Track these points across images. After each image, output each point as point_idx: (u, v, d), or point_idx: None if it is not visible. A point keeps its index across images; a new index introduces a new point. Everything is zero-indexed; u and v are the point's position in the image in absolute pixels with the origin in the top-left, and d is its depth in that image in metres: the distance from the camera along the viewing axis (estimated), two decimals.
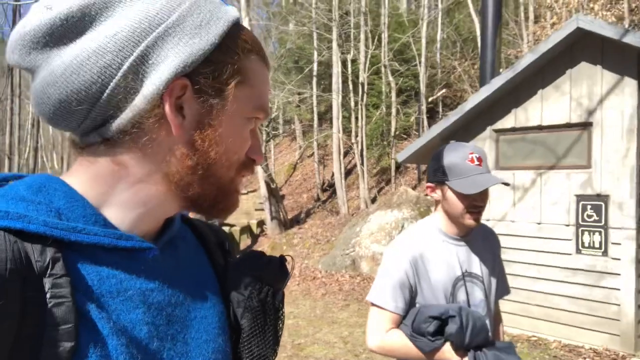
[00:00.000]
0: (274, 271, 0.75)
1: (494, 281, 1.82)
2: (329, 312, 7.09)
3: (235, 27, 0.61)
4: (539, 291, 5.56)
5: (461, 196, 1.65)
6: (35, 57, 0.56)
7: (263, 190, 13.81)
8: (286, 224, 13.74)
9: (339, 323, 6.49)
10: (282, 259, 0.77)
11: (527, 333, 5.58)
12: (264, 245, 12.02)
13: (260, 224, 14.51)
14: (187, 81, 0.57)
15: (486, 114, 6.05)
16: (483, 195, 1.66)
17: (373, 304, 1.73)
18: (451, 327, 1.52)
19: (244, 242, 13.18)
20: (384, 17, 15.32)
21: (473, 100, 5.98)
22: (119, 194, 0.60)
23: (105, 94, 0.55)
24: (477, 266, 1.76)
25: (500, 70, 7.48)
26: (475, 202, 1.65)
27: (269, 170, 14.09)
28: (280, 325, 0.76)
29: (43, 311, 0.49)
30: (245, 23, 13.84)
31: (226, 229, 12.95)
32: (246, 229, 13.74)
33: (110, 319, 0.54)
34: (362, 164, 13.92)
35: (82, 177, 0.60)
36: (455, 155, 1.68)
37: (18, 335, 0.47)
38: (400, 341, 1.64)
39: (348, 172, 17.24)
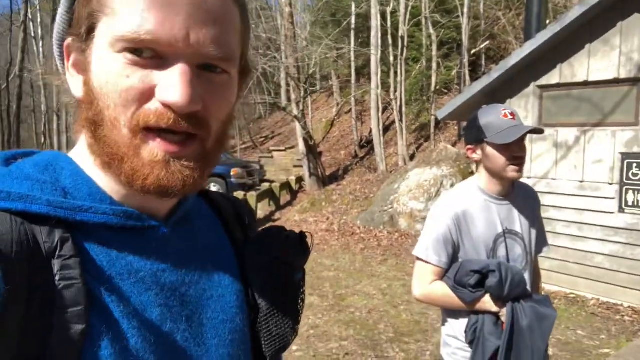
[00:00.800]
0: (294, 248, 0.71)
1: (533, 238, 1.93)
2: (368, 266, 7.32)
3: None
4: (579, 249, 5.56)
5: (501, 148, 1.74)
6: None
7: (301, 147, 13.98)
8: (324, 181, 13.94)
9: (378, 276, 6.72)
10: (302, 235, 0.74)
11: (565, 290, 5.65)
12: (303, 201, 12.29)
13: (299, 180, 14.77)
14: (70, 40, 0.56)
15: (530, 70, 5.89)
16: (522, 146, 1.75)
17: (418, 258, 1.88)
18: (491, 280, 1.66)
19: (284, 197, 13.51)
20: None
21: (517, 55, 5.83)
22: (99, 169, 0.57)
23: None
24: (517, 224, 1.87)
25: (547, 21, 7.20)
26: (515, 154, 1.74)
27: (306, 127, 14.18)
28: (301, 304, 0.73)
29: (52, 294, 0.47)
30: None
31: (266, 185, 13.30)
32: (285, 186, 14.04)
33: (121, 302, 0.53)
34: (400, 120, 13.80)
35: (80, 152, 0.59)
36: (489, 114, 1.79)
37: (27, 318, 0.46)
38: (443, 292, 1.80)
39: (386, 129, 17.13)
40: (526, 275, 1.84)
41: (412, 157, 13.45)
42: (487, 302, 1.72)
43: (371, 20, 14.21)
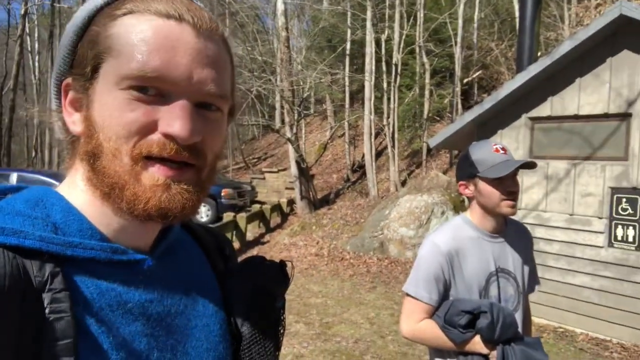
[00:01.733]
0: (274, 277, 0.74)
1: (526, 277, 1.89)
2: (357, 293, 7.22)
3: (108, 6, 0.58)
4: (568, 283, 5.52)
5: (495, 183, 1.72)
6: None
7: (293, 170, 13.95)
8: (316, 204, 13.89)
9: (366, 304, 6.62)
10: (282, 265, 0.76)
11: (553, 324, 5.58)
12: (294, 224, 12.20)
13: (290, 202, 14.70)
14: (69, 79, 0.59)
15: (522, 101, 5.94)
16: (515, 181, 1.74)
17: (408, 294, 1.82)
18: (482, 322, 1.61)
19: (274, 219, 13.40)
20: None
21: (508, 86, 5.88)
22: (90, 206, 0.59)
23: None
24: (510, 262, 1.83)
25: (539, 54, 7.30)
26: (509, 188, 1.72)
27: (299, 149, 14.18)
28: (281, 331, 0.75)
29: (42, 326, 0.49)
30: (279, 1, 13.82)
31: (257, 206, 13.20)
32: (276, 207, 13.94)
33: (110, 333, 0.55)
34: (392, 146, 13.86)
35: (71, 187, 0.62)
36: (480, 149, 1.78)
37: (17, 350, 0.47)
38: (432, 331, 1.74)
39: (379, 154, 17.19)
40: (517, 316, 1.79)
41: (403, 183, 13.47)
42: (477, 344, 1.67)
43: (366, 47, 14.38)
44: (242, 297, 0.71)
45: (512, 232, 1.88)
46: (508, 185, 1.72)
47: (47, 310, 0.49)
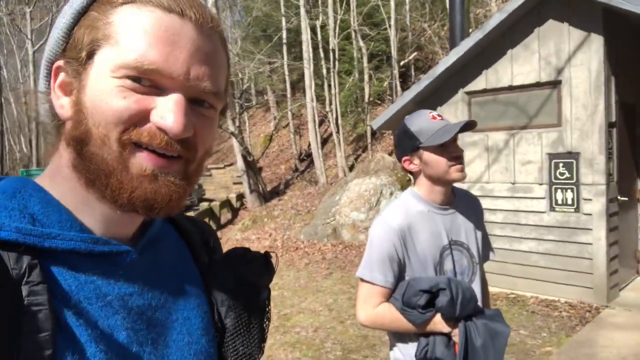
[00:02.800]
0: (258, 268, 0.73)
1: (479, 246, 1.83)
2: (313, 281, 7.18)
3: None
4: (516, 249, 5.71)
5: (439, 151, 1.67)
6: None
7: (240, 164, 13.72)
8: (266, 196, 13.73)
9: (323, 291, 6.59)
10: (266, 256, 0.76)
11: (505, 291, 5.76)
12: (245, 219, 12.01)
13: (240, 197, 14.47)
14: (62, 62, 0.58)
15: (458, 77, 6.04)
16: (457, 145, 1.70)
17: (362, 280, 1.73)
18: (442, 300, 1.54)
19: (224, 216, 13.15)
20: None
21: (444, 63, 5.96)
22: (72, 195, 0.58)
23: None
24: (462, 233, 1.77)
25: (470, 30, 7.45)
26: (454, 153, 1.67)
27: (244, 143, 13.94)
28: (267, 322, 0.75)
29: (20, 319, 0.48)
30: None
31: (205, 204, 12.89)
32: (226, 203, 13.69)
33: (88, 325, 0.54)
34: (337, 132, 13.88)
35: (52, 178, 0.60)
36: (417, 120, 1.72)
37: None
38: (391, 315, 1.66)
39: (325, 141, 17.19)
40: (475, 287, 1.73)
41: (351, 168, 13.53)
42: (438, 323, 1.59)
43: (302, 34, 14.26)
44: (225, 288, 0.70)
45: (461, 203, 1.82)
46: (452, 151, 1.67)
47: (25, 303, 0.48)
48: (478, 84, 5.91)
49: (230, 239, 10.60)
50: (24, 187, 0.57)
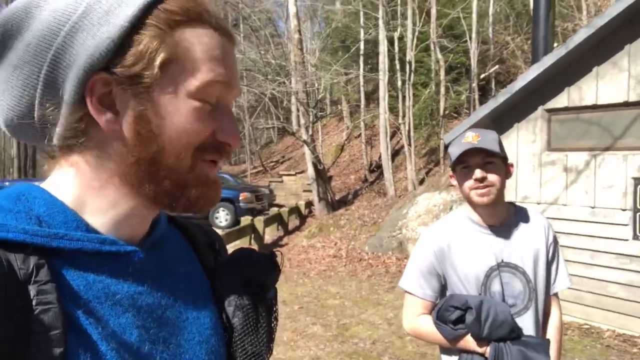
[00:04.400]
0: (265, 268, 0.74)
1: (541, 272, 1.72)
2: (375, 294, 7.13)
3: (159, 0, 0.55)
4: (592, 277, 5.35)
5: (463, 173, 1.68)
6: None
7: (310, 172, 13.92)
8: (334, 205, 13.82)
9: (384, 305, 6.53)
10: (272, 255, 0.76)
11: (578, 321, 5.41)
12: (311, 226, 12.16)
13: (308, 204, 14.67)
14: (108, 74, 0.53)
15: (537, 93, 5.79)
16: (485, 168, 1.65)
17: (405, 290, 1.80)
18: (468, 318, 1.54)
19: (292, 222, 13.37)
20: None
21: (523, 79, 5.74)
22: (90, 199, 0.58)
23: (35, 108, 0.55)
24: (516, 256, 1.70)
25: (555, 45, 7.13)
26: (476, 176, 1.64)
27: (316, 151, 14.15)
28: (274, 322, 0.75)
29: (29, 319, 0.48)
30: (291, 3, 13.82)
31: (274, 210, 13.21)
32: (294, 210, 13.92)
33: (99, 324, 0.53)
34: (409, 144, 13.72)
35: (58, 185, 0.59)
36: (454, 141, 1.74)
37: (4, 343, 0.46)
38: (428, 326, 1.70)
39: (396, 153, 17.05)
40: (530, 314, 1.67)
41: (421, 182, 13.31)
42: (470, 342, 1.59)
43: (379, 46, 14.29)
44: (232, 288, 0.70)
45: (521, 223, 1.76)
46: (475, 173, 1.65)
47: (33, 302, 0.48)
48: (559, 101, 5.64)
49: (296, 245, 10.77)
50: (28, 191, 0.57)
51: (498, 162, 1.68)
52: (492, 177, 1.65)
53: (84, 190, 0.58)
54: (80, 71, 0.53)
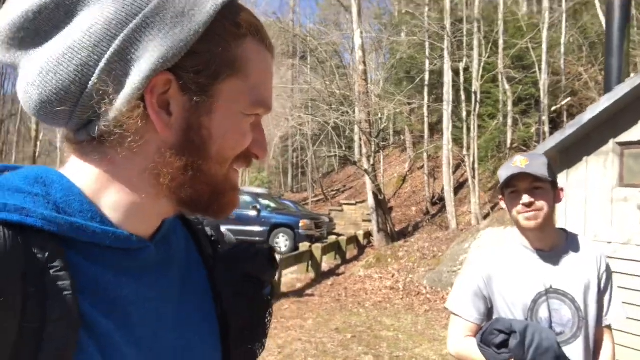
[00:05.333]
0: (263, 263, 0.74)
1: (592, 301, 1.68)
2: (431, 329, 6.90)
3: (227, 10, 0.56)
4: None
5: (511, 197, 1.70)
6: (14, 53, 0.53)
7: (371, 202, 13.86)
8: (393, 237, 13.63)
9: (440, 341, 6.29)
10: (270, 251, 0.76)
11: None
12: (369, 256, 12.02)
13: (367, 235, 14.55)
14: (171, 76, 0.53)
15: (609, 125, 5.49)
16: (530, 192, 1.65)
17: (451, 311, 1.81)
18: (512, 342, 1.51)
19: (350, 252, 13.30)
20: (500, 22, 14.61)
21: (592, 110, 5.47)
22: (112, 193, 0.57)
23: (85, 94, 0.52)
24: (567, 283, 1.67)
25: (632, 75, 6.77)
26: (524, 200, 1.65)
27: (377, 181, 14.11)
28: (269, 318, 0.75)
29: (44, 305, 0.48)
30: (357, 36, 14.13)
31: (333, 237, 13.22)
32: (353, 239, 13.86)
33: (109, 315, 0.54)
34: (473, 177, 13.36)
35: (77, 173, 0.58)
36: (505, 165, 1.76)
37: (21, 330, 0.47)
38: (473, 350, 1.67)
39: (460, 186, 16.64)
40: (577, 344, 1.63)
41: (486, 217, 12.86)
42: None
43: (444, 76, 14.19)
44: (230, 283, 0.71)
45: (572, 250, 1.73)
46: (523, 198, 1.65)
47: (48, 289, 0.48)
48: (633, 134, 5.31)
49: (353, 274, 10.67)
50: (46, 175, 0.56)
51: (546, 187, 1.68)
52: (540, 203, 1.65)
53: (107, 183, 0.57)
54: (149, 68, 0.52)
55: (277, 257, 0.73)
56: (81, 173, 0.57)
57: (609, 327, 1.76)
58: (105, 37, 0.51)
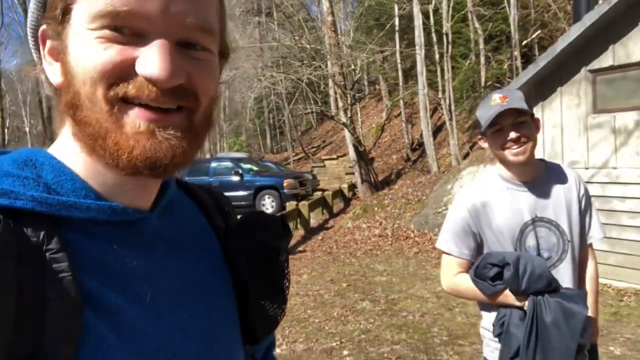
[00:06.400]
0: (277, 231, 0.73)
1: (575, 224, 1.77)
2: (422, 270, 7.15)
3: None
4: None
5: (495, 135, 1.70)
6: None
7: (352, 154, 13.94)
8: (377, 186, 13.82)
9: (432, 279, 6.54)
10: (284, 219, 0.76)
11: (634, 286, 5.25)
12: (356, 208, 12.22)
13: (352, 187, 14.72)
14: (44, 26, 0.55)
15: (580, 54, 5.58)
16: (515, 127, 1.66)
17: (441, 250, 1.86)
18: (506, 274, 1.59)
19: (337, 205, 13.49)
20: None
21: (564, 40, 5.54)
22: (89, 166, 0.56)
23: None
24: (550, 210, 1.74)
25: (599, 1, 6.81)
26: (510, 137, 1.66)
27: (356, 133, 14.13)
28: (287, 284, 0.75)
29: (43, 288, 0.47)
30: None
31: (319, 194, 13.35)
32: (338, 193, 14.03)
33: (113, 292, 0.53)
34: (450, 119, 13.47)
35: (63, 147, 0.58)
36: (482, 105, 1.76)
37: (19, 312, 0.45)
38: (467, 284, 1.76)
39: (438, 129, 16.78)
40: (566, 266, 1.72)
41: (466, 157, 13.07)
42: (508, 296, 1.64)
43: (414, 20, 14.02)
44: (246, 252, 0.70)
45: (552, 178, 1.79)
46: (507, 134, 1.67)
47: (46, 271, 0.47)
48: (604, 60, 5.41)
49: (342, 227, 10.87)
50: (35, 156, 0.55)
51: (528, 120, 1.70)
52: (526, 136, 1.69)
53: (80, 156, 0.56)
54: (29, 28, 0.57)
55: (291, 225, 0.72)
56: (66, 148, 0.57)
57: (590, 245, 1.86)
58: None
